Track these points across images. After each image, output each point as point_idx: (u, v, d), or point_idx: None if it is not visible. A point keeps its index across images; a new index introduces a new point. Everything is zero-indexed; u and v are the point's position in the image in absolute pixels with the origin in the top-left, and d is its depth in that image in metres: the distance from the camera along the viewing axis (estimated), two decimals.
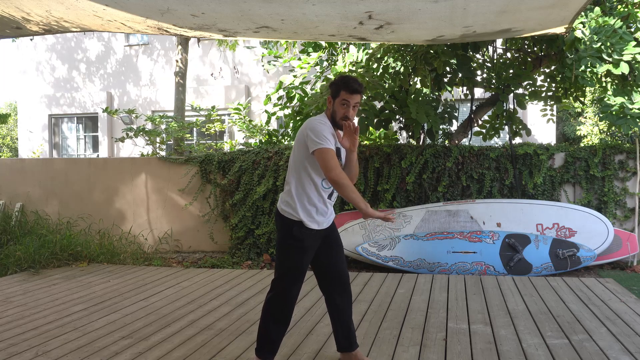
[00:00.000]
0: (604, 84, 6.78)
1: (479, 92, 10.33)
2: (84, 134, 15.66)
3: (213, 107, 9.59)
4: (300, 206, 2.94)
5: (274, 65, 8.38)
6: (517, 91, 6.89)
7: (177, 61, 10.49)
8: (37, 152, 14.71)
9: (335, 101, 2.99)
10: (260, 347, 3.06)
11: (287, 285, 3.02)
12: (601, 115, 6.26)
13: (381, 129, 7.07)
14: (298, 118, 7.36)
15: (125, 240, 7.33)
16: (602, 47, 5.73)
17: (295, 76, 7.74)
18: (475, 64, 7.17)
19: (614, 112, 6.08)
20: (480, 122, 7.36)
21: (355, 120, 3.74)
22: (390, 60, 7.12)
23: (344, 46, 7.85)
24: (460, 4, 3.63)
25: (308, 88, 7.81)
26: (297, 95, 7.63)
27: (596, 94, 9.45)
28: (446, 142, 7.44)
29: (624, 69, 5.69)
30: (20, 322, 4.25)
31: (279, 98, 7.89)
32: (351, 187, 2.84)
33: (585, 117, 13.72)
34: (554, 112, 7.57)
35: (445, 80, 7.07)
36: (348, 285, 3.18)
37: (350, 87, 2.96)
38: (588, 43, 5.78)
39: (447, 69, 6.95)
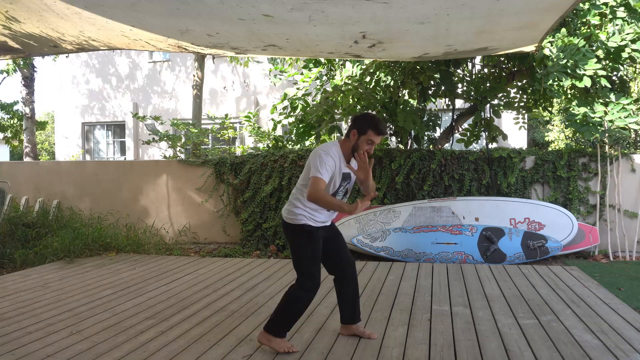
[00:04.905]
0: (569, 96, 6.78)
1: (459, 103, 10.26)
2: (113, 140, 15.64)
3: (226, 116, 9.57)
4: (307, 217, 3.00)
5: (280, 78, 8.38)
6: (493, 102, 6.87)
7: (194, 75, 10.48)
8: (74, 157, 14.71)
9: (361, 137, 2.96)
10: (281, 328, 3.11)
11: (314, 275, 3.03)
12: (567, 123, 6.27)
13: None
14: (300, 125, 7.35)
15: (149, 232, 7.32)
16: (568, 63, 5.72)
17: (298, 89, 7.73)
18: (456, 78, 7.16)
19: (578, 121, 6.07)
20: (461, 129, 7.35)
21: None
22: (382, 74, 7.11)
23: (341, 62, 7.84)
24: (443, 25, 3.63)
25: (309, 99, 7.80)
26: (299, 106, 7.62)
27: (562, 105, 9.44)
28: (431, 146, 7.43)
29: (587, 82, 5.68)
30: (57, 305, 4.25)
31: (284, 108, 7.88)
32: (327, 200, 2.87)
33: (553, 125, 13.72)
34: (525, 120, 7.55)
35: (430, 92, 7.05)
36: (354, 267, 3.29)
37: (380, 131, 2.97)
38: (555, 60, 5.77)
39: (432, 82, 6.94)
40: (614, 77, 6.56)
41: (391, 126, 7.07)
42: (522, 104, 7.00)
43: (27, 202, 7.92)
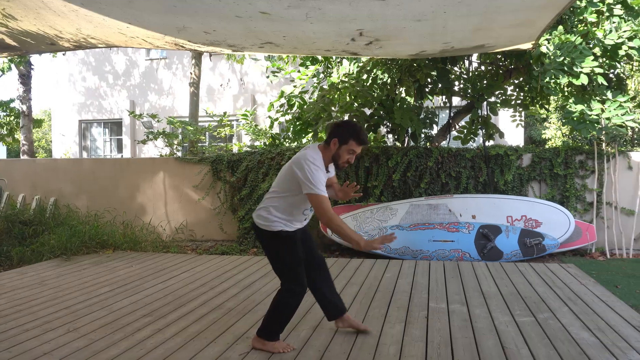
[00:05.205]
0: (566, 93, 6.78)
1: (456, 100, 10.28)
2: (109, 137, 15.61)
3: (225, 114, 9.56)
4: (284, 224, 2.93)
5: (277, 76, 8.36)
6: (490, 99, 6.88)
7: (191, 73, 10.45)
8: (67, 153, 14.66)
9: (342, 147, 2.89)
10: (273, 331, 3.08)
11: (301, 278, 3.00)
12: (564, 120, 6.26)
13: (370, 133, 7.06)
14: (297, 123, 7.34)
15: (146, 230, 7.31)
16: (564, 61, 5.73)
17: (295, 86, 7.72)
18: (453, 76, 7.15)
19: (574, 118, 6.08)
20: (457, 127, 7.35)
21: None
22: (379, 72, 7.10)
23: (338, 60, 7.83)
24: (440, 22, 3.62)
25: (306, 97, 7.79)
26: (296, 103, 7.62)
27: (559, 102, 9.45)
28: (428, 144, 7.43)
29: (584, 80, 5.69)
30: (54, 302, 4.25)
31: (281, 105, 7.87)
32: (343, 228, 2.77)
33: (550, 122, 13.74)
34: (522, 118, 7.56)
35: (427, 90, 7.05)
36: (326, 263, 3.30)
37: (361, 140, 2.89)
38: (552, 57, 5.77)
39: (429, 80, 6.94)
40: (611, 75, 6.57)
41: (388, 124, 7.06)
42: (519, 101, 7.00)
43: (24, 200, 7.90)
